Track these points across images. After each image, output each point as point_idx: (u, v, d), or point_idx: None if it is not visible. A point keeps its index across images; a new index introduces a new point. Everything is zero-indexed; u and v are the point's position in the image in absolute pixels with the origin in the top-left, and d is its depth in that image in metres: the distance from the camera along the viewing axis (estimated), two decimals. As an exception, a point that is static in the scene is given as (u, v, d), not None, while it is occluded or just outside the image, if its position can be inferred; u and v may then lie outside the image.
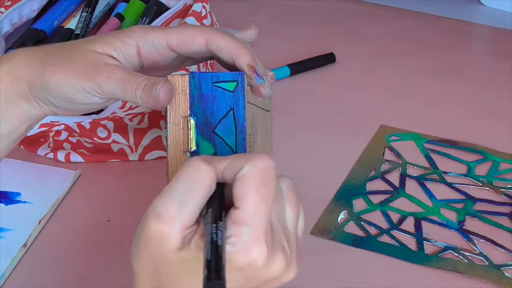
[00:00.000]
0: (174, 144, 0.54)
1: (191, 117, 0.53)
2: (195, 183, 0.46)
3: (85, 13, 0.92)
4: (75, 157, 0.87)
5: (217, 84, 0.53)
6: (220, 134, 0.53)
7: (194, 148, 0.53)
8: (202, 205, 0.47)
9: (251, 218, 0.46)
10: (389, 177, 0.84)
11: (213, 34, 0.56)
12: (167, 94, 0.53)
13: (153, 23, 0.89)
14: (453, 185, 0.83)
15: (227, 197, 0.48)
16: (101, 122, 0.84)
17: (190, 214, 0.46)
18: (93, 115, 0.84)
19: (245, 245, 0.46)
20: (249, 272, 0.46)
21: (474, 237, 0.77)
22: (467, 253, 0.75)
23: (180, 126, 0.54)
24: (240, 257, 0.46)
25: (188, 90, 0.53)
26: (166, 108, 0.54)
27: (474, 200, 0.81)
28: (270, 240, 0.46)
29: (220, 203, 0.47)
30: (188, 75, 0.54)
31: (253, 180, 0.46)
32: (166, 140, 0.55)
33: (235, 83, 0.53)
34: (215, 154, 0.53)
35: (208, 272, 0.42)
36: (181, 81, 0.54)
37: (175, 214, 0.46)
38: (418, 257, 0.75)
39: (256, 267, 0.46)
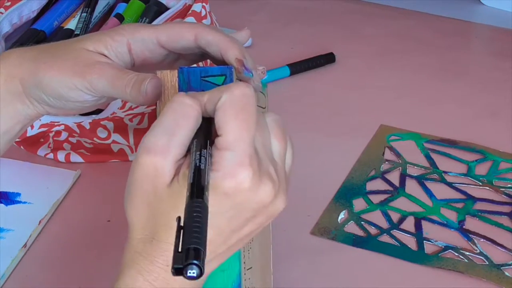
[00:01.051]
0: None
1: None
2: (181, 116, 0.47)
3: (85, 14, 0.92)
4: (75, 158, 0.87)
5: (206, 79, 0.54)
6: None
7: None
8: (190, 137, 0.47)
9: (233, 142, 0.46)
10: (389, 176, 0.84)
11: (202, 29, 0.57)
12: (155, 89, 0.54)
13: (153, 23, 0.89)
14: (453, 184, 0.83)
15: (214, 131, 0.48)
16: (101, 122, 0.84)
17: (179, 145, 0.47)
18: (93, 115, 0.84)
19: (228, 169, 0.46)
20: (237, 197, 0.47)
21: (474, 236, 0.77)
22: (467, 253, 0.75)
23: None
24: (225, 182, 0.46)
25: (177, 85, 0.54)
26: (156, 103, 0.55)
27: (474, 199, 0.81)
28: (256, 165, 0.47)
29: (206, 134, 0.48)
30: (177, 71, 0.54)
31: (231, 107, 0.47)
32: None
33: (223, 77, 0.54)
34: None
35: (190, 193, 0.43)
36: (170, 76, 0.54)
37: (164, 145, 0.46)
38: (418, 256, 0.75)
39: (242, 190, 0.46)
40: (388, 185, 0.83)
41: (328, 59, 1.03)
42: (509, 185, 0.83)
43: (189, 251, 0.40)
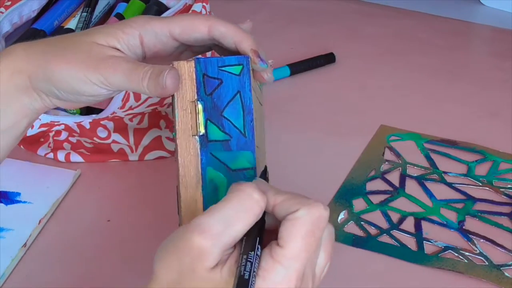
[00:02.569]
0: (183, 129, 0.54)
1: (198, 102, 0.53)
2: (244, 209, 0.47)
3: (85, 13, 0.92)
4: (75, 157, 0.87)
5: (223, 68, 0.54)
6: (228, 117, 0.53)
7: (203, 131, 0.53)
8: (245, 231, 0.47)
9: (289, 260, 0.46)
10: (389, 177, 0.84)
11: (215, 21, 0.57)
12: (174, 81, 0.53)
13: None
14: (453, 185, 0.83)
15: (266, 225, 0.48)
16: (101, 122, 0.84)
17: (232, 237, 0.46)
18: (93, 115, 0.84)
19: (275, 284, 0.46)
20: None
21: (474, 237, 0.77)
22: (467, 253, 0.75)
23: (188, 111, 0.54)
24: None
25: (194, 75, 0.54)
26: (173, 95, 0.54)
27: (474, 200, 0.81)
28: (299, 283, 0.47)
29: (260, 233, 0.47)
30: (194, 61, 0.54)
31: (304, 227, 0.46)
32: (174, 126, 0.54)
33: (241, 66, 0.54)
34: (224, 137, 0.53)
35: None
36: (187, 67, 0.54)
37: (219, 233, 0.46)
38: (418, 257, 0.75)
39: None
40: (388, 185, 0.83)
41: (328, 59, 1.03)
42: (509, 186, 0.83)
43: None
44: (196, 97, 0.53)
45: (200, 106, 0.53)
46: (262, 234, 0.48)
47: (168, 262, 0.47)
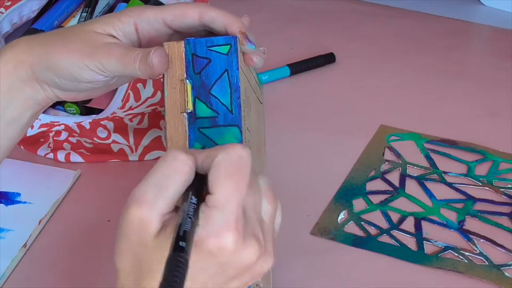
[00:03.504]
0: (171, 106, 0.55)
1: (187, 80, 0.55)
2: (172, 171, 0.47)
3: (85, 13, 0.92)
4: (75, 157, 0.87)
5: (211, 48, 0.55)
6: (216, 94, 0.55)
7: (191, 109, 0.55)
8: (179, 192, 0.48)
9: (222, 202, 0.47)
10: (389, 177, 0.84)
11: (205, 7, 0.59)
12: (161, 59, 0.55)
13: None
14: (453, 185, 0.83)
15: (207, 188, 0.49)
16: (101, 122, 0.84)
17: (167, 200, 0.47)
18: (93, 115, 0.84)
19: (214, 229, 0.46)
20: (222, 257, 0.47)
21: (474, 237, 0.77)
22: (467, 253, 0.75)
23: (177, 89, 0.55)
24: (210, 240, 0.46)
25: (184, 55, 0.55)
26: (164, 74, 0.56)
27: (474, 200, 0.81)
28: (241, 227, 0.47)
29: (198, 190, 0.48)
30: (183, 41, 0.56)
31: (226, 167, 0.47)
32: (164, 104, 0.56)
33: (229, 46, 0.55)
34: (211, 113, 0.55)
35: (173, 247, 0.43)
36: (177, 47, 0.56)
37: (153, 199, 0.47)
38: (418, 257, 0.75)
39: (226, 252, 0.47)
40: (388, 186, 0.83)
41: (328, 59, 1.03)
42: (509, 186, 0.83)
43: None
44: (185, 76, 0.55)
45: (188, 85, 0.55)
46: (201, 193, 0.48)
47: (121, 247, 0.49)
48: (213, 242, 0.46)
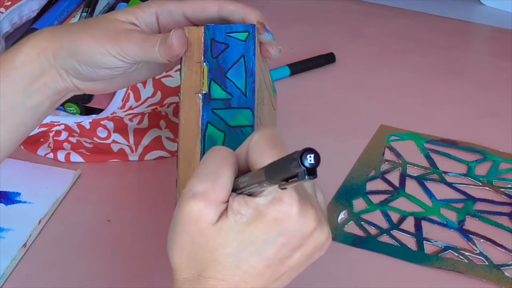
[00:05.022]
0: (187, 87, 0.57)
1: (204, 63, 0.57)
2: (221, 160, 0.49)
3: (85, 13, 0.92)
4: (75, 157, 0.87)
5: (230, 34, 0.57)
6: (231, 77, 0.56)
7: (206, 90, 0.56)
8: (232, 180, 0.49)
9: None
10: (389, 177, 0.84)
11: (224, 1, 0.61)
12: (180, 39, 0.57)
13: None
14: (453, 185, 0.83)
15: None
16: (101, 122, 0.84)
17: (222, 188, 0.48)
18: (93, 115, 0.84)
19: (277, 195, 0.47)
20: (286, 224, 0.48)
21: (474, 237, 0.77)
22: (467, 253, 0.75)
23: (194, 71, 0.57)
24: (275, 206, 0.47)
25: (202, 39, 0.57)
26: (182, 58, 0.58)
27: (474, 200, 0.81)
28: (300, 193, 0.48)
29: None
30: (203, 27, 0.58)
31: (266, 142, 0.49)
32: (180, 86, 0.58)
33: (247, 33, 0.58)
34: (225, 96, 0.57)
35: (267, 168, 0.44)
36: (196, 31, 0.58)
37: (209, 190, 0.48)
38: (418, 257, 0.75)
39: (292, 216, 0.47)
40: (388, 185, 0.83)
41: (328, 59, 1.03)
42: (509, 186, 0.83)
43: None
44: (202, 59, 0.57)
45: (205, 67, 0.57)
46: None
47: (178, 241, 0.49)
48: (278, 208, 0.47)
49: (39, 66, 0.61)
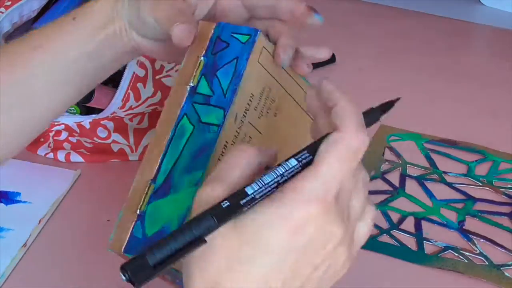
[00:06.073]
0: (181, 77, 0.58)
1: (202, 58, 0.57)
2: (239, 152, 0.48)
3: (85, 13, 0.92)
4: (75, 157, 0.87)
5: (234, 35, 0.58)
6: (219, 76, 0.57)
7: (194, 83, 0.57)
8: (249, 170, 0.47)
9: (323, 175, 0.46)
10: (389, 177, 0.84)
11: None
12: (183, 30, 0.57)
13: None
14: (453, 185, 0.83)
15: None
16: (101, 122, 0.84)
17: (238, 176, 0.47)
18: (93, 115, 0.84)
19: (305, 197, 0.45)
20: (309, 227, 0.45)
21: (474, 237, 0.77)
22: (467, 253, 0.75)
23: (192, 64, 0.58)
24: (301, 205, 0.45)
25: (210, 35, 0.58)
26: (188, 48, 0.59)
27: (474, 200, 0.81)
28: (332, 201, 0.46)
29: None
30: (215, 23, 0.58)
31: (341, 151, 0.47)
32: (178, 73, 0.58)
33: (248, 36, 0.58)
34: (208, 92, 0.57)
35: (212, 208, 0.44)
36: (206, 27, 0.58)
37: (224, 176, 0.47)
38: (418, 257, 0.75)
39: (318, 220, 0.45)
40: (388, 185, 0.83)
41: (328, 59, 1.03)
42: (509, 186, 0.83)
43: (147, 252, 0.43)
44: (203, 54, 0.57)
45: (202, 62, 0.57)
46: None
47: None
48: (303, 208, 0.45)
49: (111, 15, 0.61)
